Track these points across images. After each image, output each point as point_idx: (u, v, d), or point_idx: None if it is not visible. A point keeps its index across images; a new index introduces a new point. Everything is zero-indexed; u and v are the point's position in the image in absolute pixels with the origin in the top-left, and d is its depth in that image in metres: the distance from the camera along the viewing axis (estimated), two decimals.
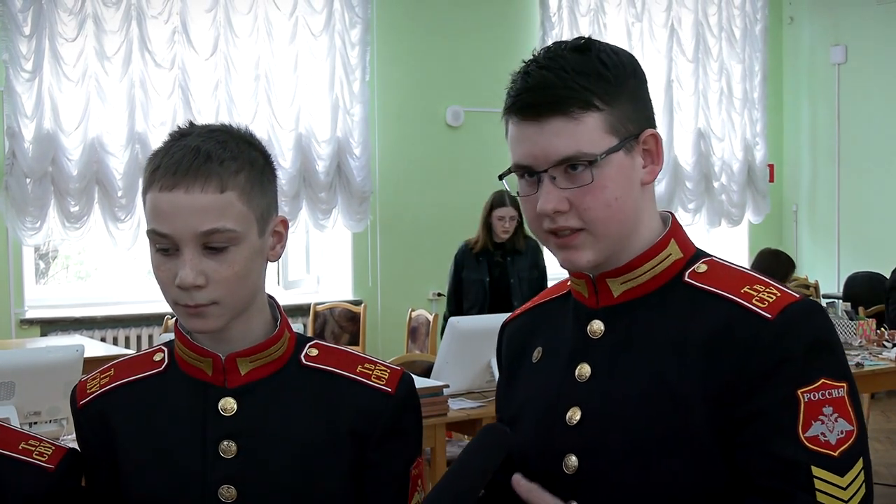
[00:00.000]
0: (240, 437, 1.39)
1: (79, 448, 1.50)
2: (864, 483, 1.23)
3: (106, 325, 6.53)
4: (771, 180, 9.17)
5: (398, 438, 1.44)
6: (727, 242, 9.10)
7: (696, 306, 1.30)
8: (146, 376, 1.47)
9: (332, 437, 1.41)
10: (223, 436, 1.39)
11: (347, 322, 6.61)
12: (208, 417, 1.40)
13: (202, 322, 1.36)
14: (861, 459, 1.23)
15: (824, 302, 6.82)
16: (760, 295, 1.27)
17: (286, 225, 1.45)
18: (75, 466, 1.47)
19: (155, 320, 6.53)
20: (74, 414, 1.51)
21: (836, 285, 8.67)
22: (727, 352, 1.25)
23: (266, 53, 6.82)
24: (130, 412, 1.45)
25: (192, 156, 1.33)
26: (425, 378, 3.92)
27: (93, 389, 1.49)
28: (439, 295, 7.28)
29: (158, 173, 1.34)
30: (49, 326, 6.41)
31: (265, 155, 1.42)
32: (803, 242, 9.25)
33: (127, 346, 6.39)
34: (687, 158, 8.59)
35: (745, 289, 1.28)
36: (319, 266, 7.51)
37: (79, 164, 6.23)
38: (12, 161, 6.07)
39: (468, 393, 4.07)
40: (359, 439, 1.42)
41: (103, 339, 6.41)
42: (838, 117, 8.94)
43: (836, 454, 1.21)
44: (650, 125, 1.33)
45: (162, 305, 6.17)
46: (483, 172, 7.56)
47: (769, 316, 1.24)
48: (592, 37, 1.34)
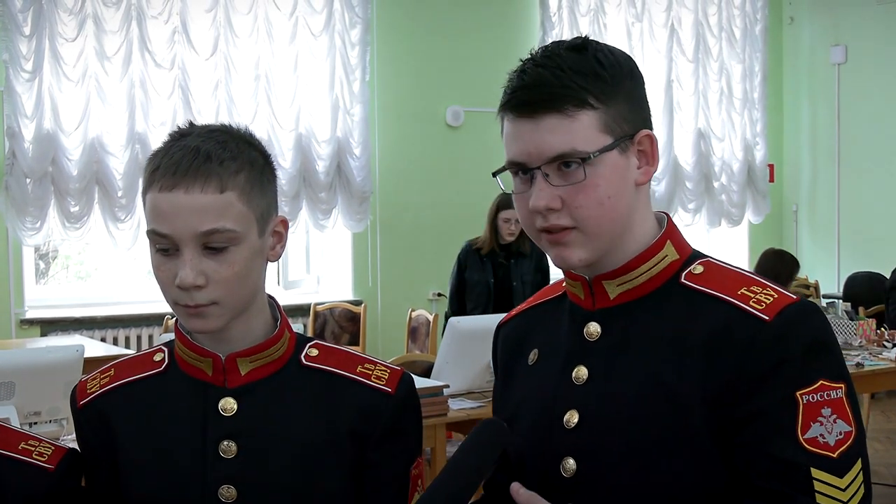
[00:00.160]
0: (240, 438, 1.39)
1: (79, 448, 1.50)
2: (863, 484, 1.23)
3: (106, 326, 6.53)
4: (771, 180, 9.17)
5: (398, 438, 1.44)
6: (727, 242, 9.09)
7: (694, 308, 1.30)
8: (146, 376, 1.47)
9: (333, 437, 1.41)
10: (223, 436, 1.40)
11: (347, 322, 6.60)
12: (208, 417, 1.41)
13: (202, 322, 1.36)
14: (860, 460, 1.23)
15: (824, 302, 6.82)
16: (758, 296, 1.27)
17: (286, 225, 1.45)
18: (75, 466, 1.47)
19: (155, 320, 6.52)
20: (74, 414, 1.51)
21: (836, 285, 8.66)
22: (725, 353, 1.25)
23: (266, 53, 6.81)
24: (130, 412, 1.45)
25: (192, 156, 1.33)
26: (425, 378, 3.92)
27: (93, 389, 1.49)
28: (439, 295, 7.28)
29: (158, 173, 1.34)
30: (49, 326, 6.41)
31: (265, 155, 1.42)
32: (803, 242, 9.24)
33: (127, 347, 6.38)
34: (687, 158, 8.59)
35: (743, 290, 1.28)
36: (319, 266, 7.50)
37: (79, 164, 6.23)
38: (12, 161, 6.07)
39: (468, 393, 4.07)
40: (359, 439, 1.42)
41: (103, 340, 6.40)
42: (838, 117, 8.94)
43: (835, 455, 1.21)
44: (646, 126, 1.33)
45: (162, 305, 6.19)
46: (483, 172, 7.45)
47: (767, 318, 1.24)
48: (592, 37, 1.34)
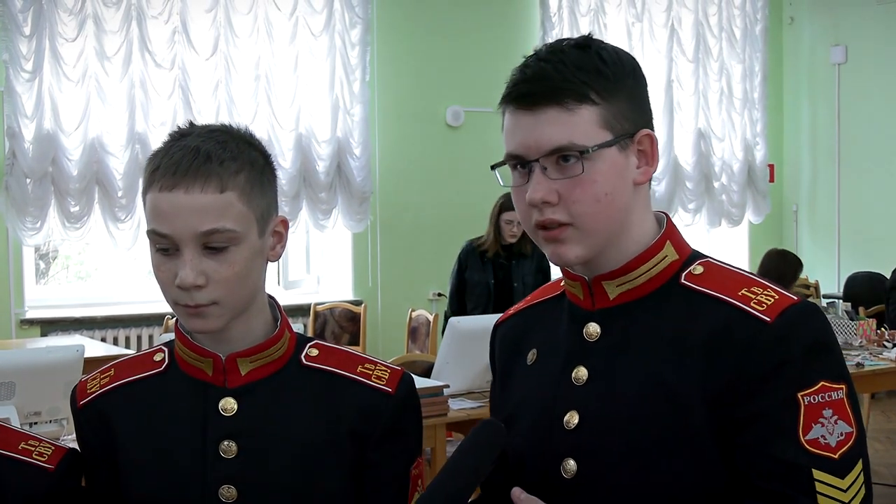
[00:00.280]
0: (240, 438, 1.39)
1: (79, 448, 1.50)
2: (864, 484, 1.23)
3: (106, 326, 6.53)
4: (771, 180, 9.17)
5: (398, 438, 1.44)
6: (727, 242, 9.09)
7: (694, 308, 1.29)
8: (146, 376, 1.47)
9: (333, 437, 1.41)
10: (223, 436, 1.40)
11: (348, 322, 6.60)
12: (208, 417, 1.40)
13: (202, 322, 1.36)
14: (861, 461, 1.24)
15: (824, 302, 6.82)
16: (758, 297, 1.27)
17: (286, 225, 1.45)
18: (75, 466, 1.47)
19: (155, 320, 6.52)
20: (74, 414, 1.51)
21: (836, 285, 8.66)
22: (726, 353, 1.24)
23: (266, 53, 6.81)
24: (130, 412, 1.45)
25: (192, 156, 1.33)
26: (425, 378, 3.92)
27: (93, 389, 1.49)
28: (439, 295, 7.27)
29: (158, 173, 1.34)
30: (49, 326, 6.41)
31: (265, 155, 1.42)
32: (803, 242, 9.24)
33: (127, 347, 6.38)
34: (687, 158, 8.59)
35: (743, 291, 1.28)
36: (319, 266, 7.50)
37: (79, 165, 6.23)
38: (12, 161, 6.07)
39: (468, 393, 4.07)
40: (359, 439, 1.41)
41: (103, 340, 6.40)
42: (838, 117, 8.94)
43: (837, 456, 1.21)
44: (647, 126, 1.33)
45: (162, 306, 6.18)
46: (483, 172, 7.46)
47: (768, 319, 1.24)
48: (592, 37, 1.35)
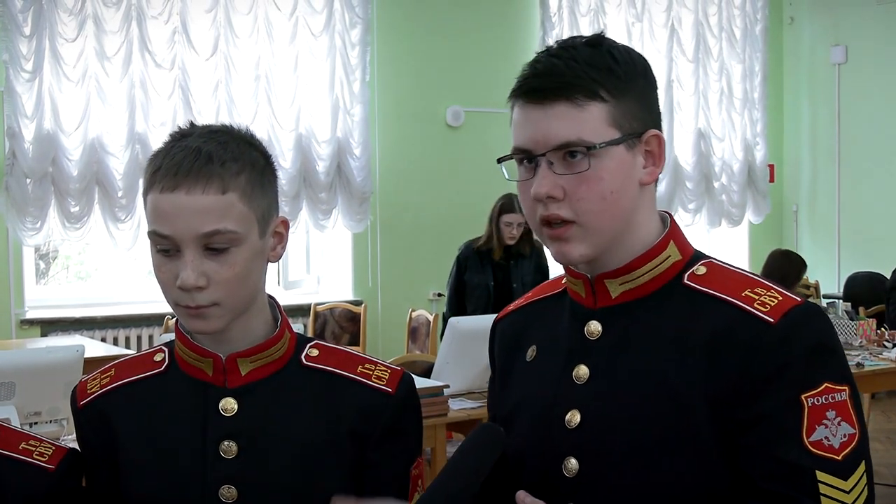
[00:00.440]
0: (240, 438, 1.39)
1: (79, 448, 1.50)
2: (867, 486, 1.24)
3: (106, 326, 6.53)
4: (771, 180, 9.17)
5: (398, 438, 1.44)
6: (727, 242, 9.09)
7: (696, 308, 1.30)
8: (146, 376, 1.47)
9: (333, 438, 1.41)
10: (223, 436, 1.39)
11: (348, 322, 6.60)
12: (209, 418, 1.40)
13: (203, 323, 1.36)
14: (864, 462, 1.24)
15: (824, 302, 6.83)
16: (762, 298, 1.27)
17: (287, 225, 1.45)
18: (75, 466, 1.47)
19: (155, 321, 6.53)
20: (75, 414, 1.51)
21: (837, 285, 8.66)
22: (729, 354, 1.25)
23: (266, 54, 6.81)
24: (131, 412, 1.45)
25: (194, 157, 1.33)
26: (426, 378, 3.92)
27: (93, 389, 1.49)
28: (439, 295, 7.27)
29: (159, 174, 1.34)
30: (49, 327, 6.41)
31: (266, 156, 1.42)
32: (803, 242, 9.24)
33: (127, 347, 6.38)
34: (687, 158, 8.59)
35: (747, 292, 1.28)
36: (320, 266, 7.50)
37: (79, 165, 6.23)
38: (12, 161, 6.07)
39: (468, 393, 4.07)
40: (359, 439, 1.41)
41: (104, 340, 6.40)
42: (838, 117, 8.94)
43: (840, 458, 1.21)
44: (655, 127, 1.33)
45: (162, 306, 6.17)
46: (483, 172, 7.53)
47: (772, 320, 1.24)
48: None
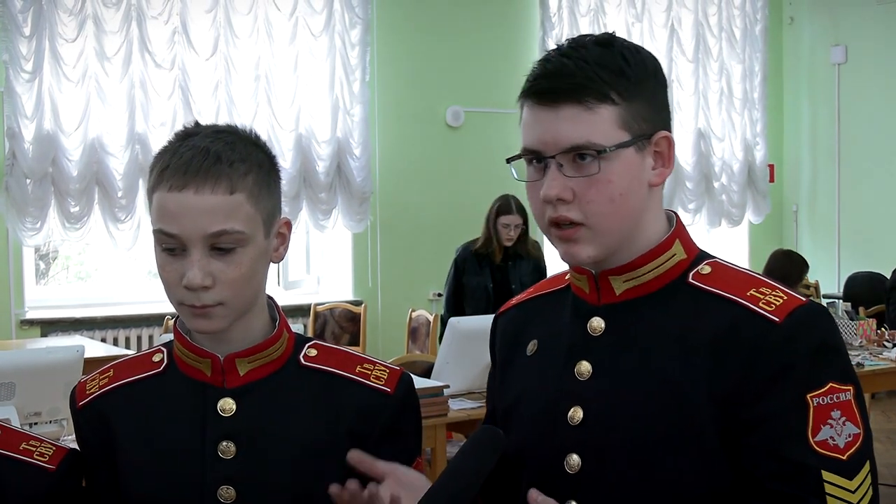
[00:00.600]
0: (239, 438, 1.39)
1: (78, 448, 1.50)
2: (872, 485, 1.24)
3: (106, 326, 6.53)
4: (771, 180, 9.17)
5: (397, 438, 1.44)
6: (727, 242, 9.09)
7: (701, 307, 1.30)
8: (145, 377, 1.47)
9: (332, 438, 1.41)
10: (222, 436, 1.39)
11: (348, 322, 6.60)
12: (207, 418, 1.40)
13: (207, 323, 1.36)
14: (868, 462, 1.24)
15: (824, 302, 6.82)
16: (767, 298, 1.27)
17: (289, 226, 1.45)
18: (76, 467, 1.47)
19: (155, 321, 6.53)
20: (74, 414, 1.50)
21: (837, 285, 8.66)
22: (734, 352, 1.25)
23: (266, 54, 6.81)
24: (130, 413, 1.45)
25: (202, 156, 1.33)
26: (426, 378, 3.92)
27: (92, 390, 1.49)
28: (439, 295, 7.26)
29: (167, 173, 1.34)
30: (49, 327, 6.41)
31: (270, 157, 1.43)
32: (803, 242, 9.24)
33: (127, 347, 6.38)
34: (687, 158, 8.59)
35: (752, 291, 1.28)
36: (320, 266, 7.51)
37: (79, 165, 6.23)
38: (12, 162, 6.08)
39: (468, 393, 4.07)
40: (358, 439, 1.41)
41: (103, 340, 6.40)
42: (838, 117, 8.94)
43: (845, 458, 1.22)
44: (665, 128, 1.33)
45: (162, 306, 6.22)
46: (483, 172, 7.57)
47: (777, 319, 1.24)
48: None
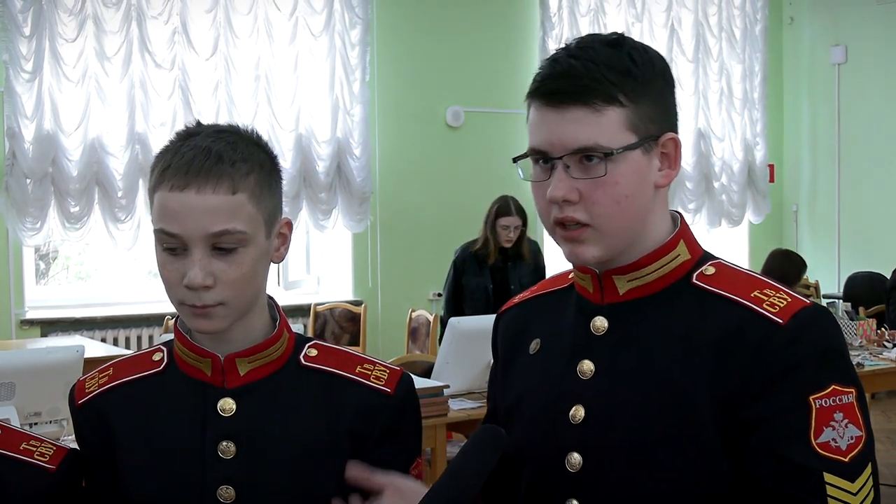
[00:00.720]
0: (239, 438, 1.39)
1: (77, 447, 1.50)
2: (874, 488, 1.24)
3: (106, 326, 6.53)
4: (771, 180, 9.17)
5: (397, 439, 1.44)
6: (727, 242, 9.09)
7: (705, 308, 1.30)
8: (145, 376, 1.47)
9: (332, 438, 1.41)
10: (222, 436, 1.39)
11: (348, 322, 6.60)
12: (207, 418, 1.40)
13: (208, 323, 1.36)
14: (870, 465, 1.24)
15: (824, 302, 6.82)
16: (771, 300, 1.27)
17: (290, 227, 1.45)
18: (76, 467, 1.46)
19: (155, 321, 6.53)
20: (73, 413, 1.50)
21: (837, 285, 8.66)
22: (738, 353, 1.25)
23: (266, 54, 6.82)
24: (129, 412, 1.44)
25: (204, 156, 1.33)
26: (426, 378, 3.92)
27: (91, 389, 1.49)
28: (439, 295, 7.26)
29: (169, 172, 1.33)
30: (49, 327, 6.41)
31: (272, 157, 1.42)
32: (803, 242, 9.24)
33: (127, 347, 6.38)
34: (687, 158, 8.59)
35: (756, 293, 1.28)
36: (320, 266, 7.51)
37: (79, 165, 6.23)
38: (12, 162, 6.08)
39: (468, 393, 4.07)
40: (358, 439, 1.41)
41: (103, 340, 6.41)
42: (838, 117, 8.94)
43: (847, 460, 1.22)
44: (672, 129, 1.33)
45: (162, 306, 6.22)
46: (483, 172, 7.58)
47: (781, 321, 1.24)
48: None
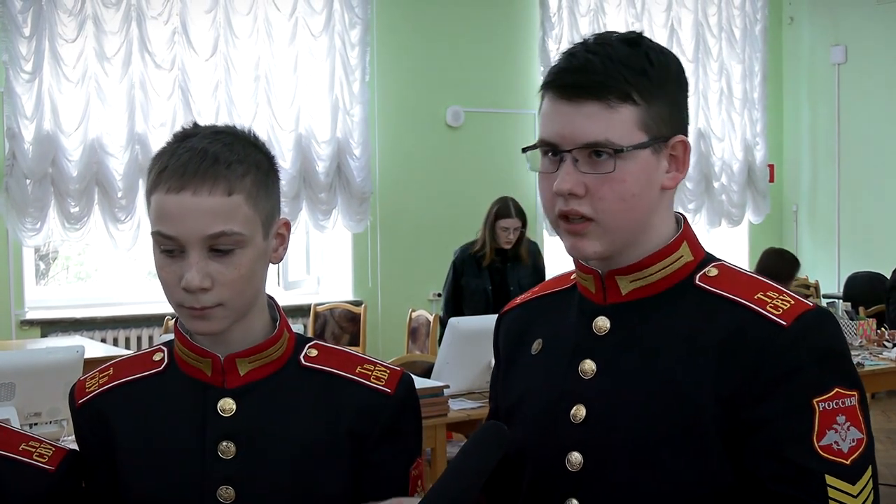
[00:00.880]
0: (239, 438, 1.39)
1: (77, 447, 1.50)
2: (874, 490, 1.24)
3: (106, 326, 6.53)
4: (771, 180, 9.17)
5: (397, 439, 1.44)
6: (727, 242, 9.09)
7: (708, 310, 1.30)
8: (145, 376, 1.47)
9: (332, 438, 1.41)
10: (222, 436, 1.39)
11: (348, 323, 6.60)
12: (207, 418, 1.40)
13: (206, 324, 1.36)
14: (870, 467, 1.24)
15: (824, 302, 6.83)
16: (774, 302, 1.27)
17: (288, 227, 1.45)
18: (76, 467, 1.46)
19: (155, 321, 6.53)
20: (73, 413, 1.50)
21: (836, 285, 8.66)
22: (740, 354, 1.25)
23: (266, 54, 6.82)
24: (129, 412, 1.44)
25: (200, 158, 1.33)
26: (426, 378, 3.92)
27: (91, 388, 1.48)
28: (439, 295, 7.25)
29: (165, 175, 1.33)
30: (49, 327, 6.41)
31: (269, 157, 1.42)
32: (803, 242, 9.24)
33: (127, 347, 6.38)
34: None
35: (759, 295, 1.29)
36: (320, 267, 7.51)
37: (79, 165, 6.23)
38: (12, 162, 6.08)
39: (468, 393, 4.07)
40: (358, 440, 1.41)
41: (103, 340, 6.40)
42: (838, 117, 8.94)
43: (849, 462, 1.22)
44: (682, 132, 1.34)
45: (162, 306, 6.22)
46: (483, 173, 7.58)
47: (784, 323, 1.25)
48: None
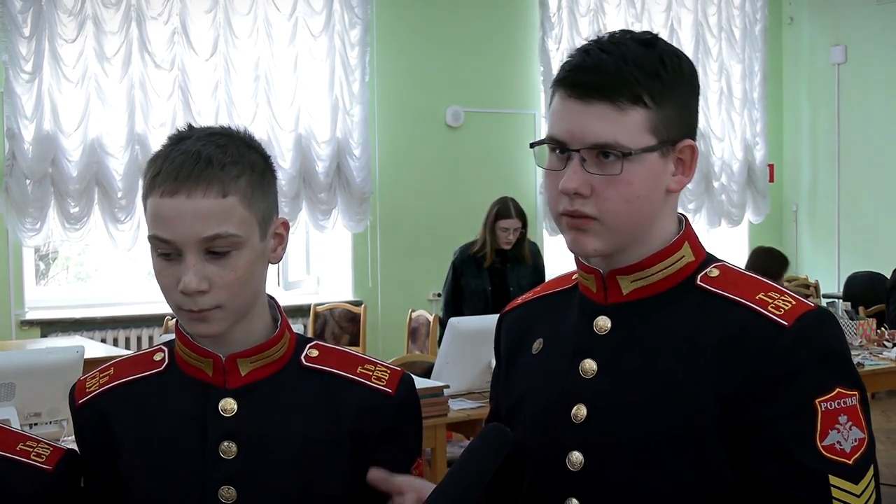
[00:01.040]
0: (240, 438, 1.39)
1: (77, 447, 1.50)
2: (875, 489, 1.24)
3: (106, 327, 6.53)
4: (771, 180, 9.17)
5: (398, 439, 1.44)
6: (727, 242, 9.09)
7: (709, 310, 1.30)
8: (146, 376, 1.47)
9: (332, 438, 1.41)
10: (223, 436, 1.39)
11: (348, 323, 6.60)
12: (208, 418, 1.40)
13: (206, 326, 1.36)
14: (872, 467, 1.25)
15: (824, 302, 6.83)
16: (776, 302, 1.27)
17: (287, 227, 1.45)
18: (74, 467, 1.46)
19: (155, 321, 6.52)
20: (73, 413, 1.50)
21: (836, 285, 8.66)
22: (742, 354, 1.25)
23: (266, 54, 6.82)
24: (130, 412, 1.44)
25: (193, 161, 1.33)
26: (426, 378, 3.92)
27: (92, 388, 1.48)
28: (439, 295, 7.24)
29: (159, 179, 1.33)
30: (49, 327, 6.41)
31: (265, 157, 1.42)
32: (803, 242, 9.24)
33: (127, 347, 6.38)
34: None
35: (760, 295, 1.29)
36: (319, 267, 7.50)
37: (79, 166, 6.23)
38: (12, 162, 6.07)
39: (468, 393, 4.07)
40: (359, 440, 1.41)
41: (103, 341, 6.40)
42: (838, 117, 8.94)
43: (851, 462, 1.22)
44: (691, 136, 1.33)
45: (162, 306, 6.17)
46: (483, 173, 7.58)
47: (785, 323, 1.25)
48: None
